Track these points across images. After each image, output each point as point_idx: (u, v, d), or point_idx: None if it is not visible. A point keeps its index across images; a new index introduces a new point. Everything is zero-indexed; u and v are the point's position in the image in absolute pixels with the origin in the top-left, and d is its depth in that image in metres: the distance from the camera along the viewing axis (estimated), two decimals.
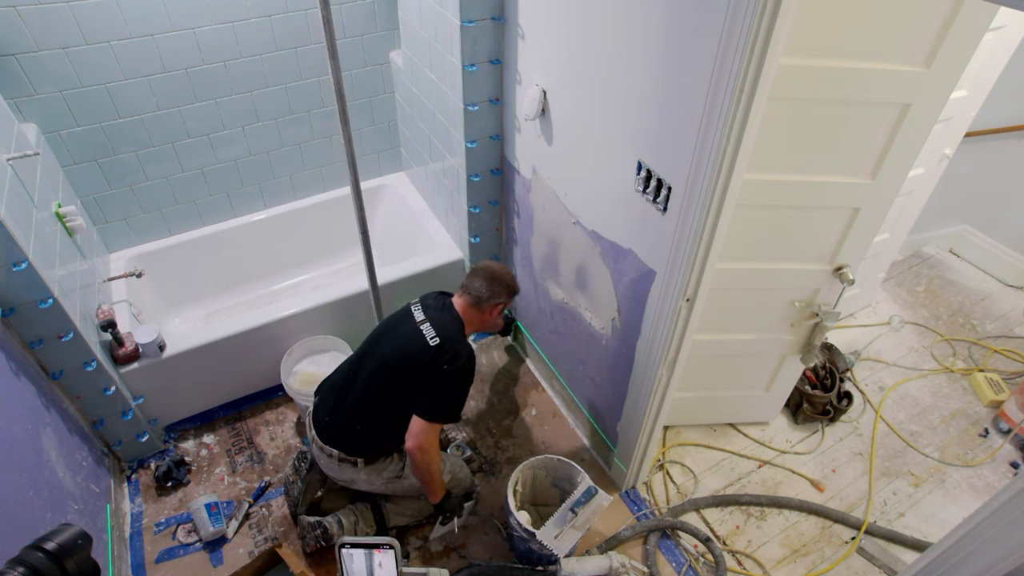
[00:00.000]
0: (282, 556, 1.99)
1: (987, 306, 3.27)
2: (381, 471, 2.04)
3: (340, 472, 2.06)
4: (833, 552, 2.28)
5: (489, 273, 2.06)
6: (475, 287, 2.04)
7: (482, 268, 2.08)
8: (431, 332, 1.93)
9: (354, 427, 2.00)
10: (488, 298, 2.04)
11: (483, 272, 2.06)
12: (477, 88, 2.23)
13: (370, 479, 2.05)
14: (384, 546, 1.54)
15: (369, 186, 3.10)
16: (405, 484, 2.10)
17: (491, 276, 2.06)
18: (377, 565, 1.57)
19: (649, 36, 1.51)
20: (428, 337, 1.92)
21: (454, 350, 1.90)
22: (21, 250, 1.76)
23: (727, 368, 2.43)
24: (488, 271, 2.07)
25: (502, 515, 2.32)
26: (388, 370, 1.96)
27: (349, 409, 2.01)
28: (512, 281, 2.12)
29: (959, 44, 1.64)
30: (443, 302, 2.07)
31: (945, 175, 2.72)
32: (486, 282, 2.04)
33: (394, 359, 1.97)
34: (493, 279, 2.05)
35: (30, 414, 1.84)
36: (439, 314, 2.00)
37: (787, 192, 1.86)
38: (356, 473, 2.04)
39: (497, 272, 2.08)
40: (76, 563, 1.03)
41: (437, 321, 1.97)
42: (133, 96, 2.38)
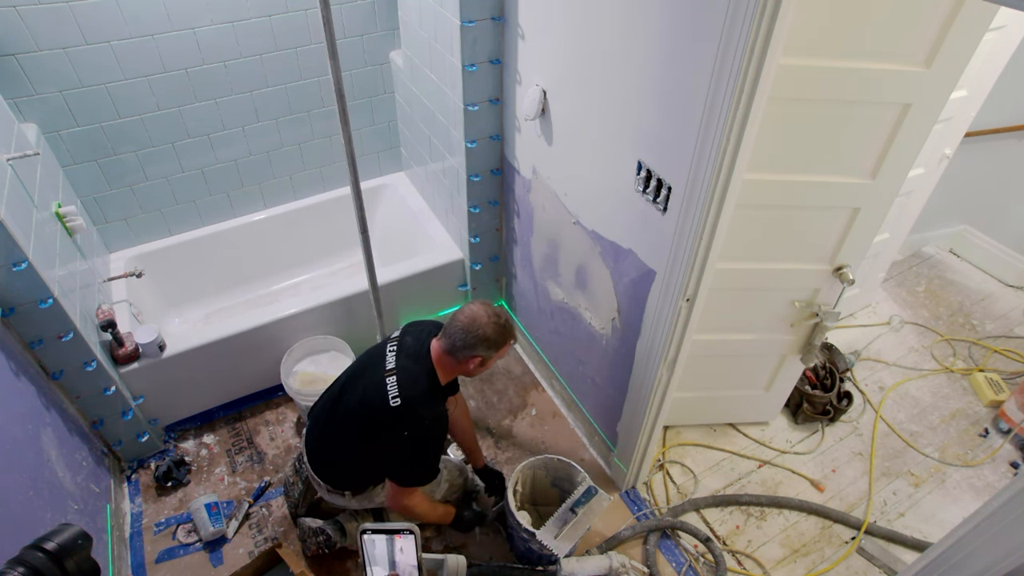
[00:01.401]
0: (282, 556, 1.99)
1: (987, 306, 3.27)
2: (372, 497, 2.03)
3: (331, 498, 2.05)
4: (833, 552, 2.28)
5: (469, 323, 1.75)
6: (451, 332, 1.77)
7: (466, 315, 1.77)
8: (394, 390, 1.74)
9: (334, 465, 1.97)
10: (462, 348, 1.76)
11: (464, 319, 1.76)
12: (477, 88, 2.23)
13: (362, 503, 2.05)
14: (405, 532, 1.56)
15: (369, 186, 3.10)
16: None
17: (470, 327, 1.74)
18: (398, 550, 1.58)
19: (649, 36, 1.51)
20: (390, 396, 1.73)
21: (415, 414, 1.73)
22: (21, 250, 1.75)
23: (727, 368, 2.43)
24: (469, 319, 1.75)
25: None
26: (352, 421, 1.85)
27: (328, 447, 1.96)
28: (495, 335, 1.76)
29: (959, 44, 1.64)
30: (420, 346, 1.84)
31: (945, 175, 2.72)
32: (462, 332, 1.75)
33: (356, 411, 1.84)
34: (471, 332, 1.74)
35: (30, 414, 1.84)
36: (411, 363, 1.79)
37: (787, 192, 1.86)
38: (347, 501, 2.02)
39: (479, 323, 1.74)
40: (76, 563, 1.03)
41: (404, 375, 1.76)
42: (133, 96, 2.38)
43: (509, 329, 1.81)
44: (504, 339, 1.80)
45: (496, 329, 1.76)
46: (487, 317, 1.76)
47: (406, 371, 1.78)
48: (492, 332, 1.75)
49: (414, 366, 1.80)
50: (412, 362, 1.80)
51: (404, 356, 1.82)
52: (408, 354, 1.82)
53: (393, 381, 1.76)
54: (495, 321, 1.76)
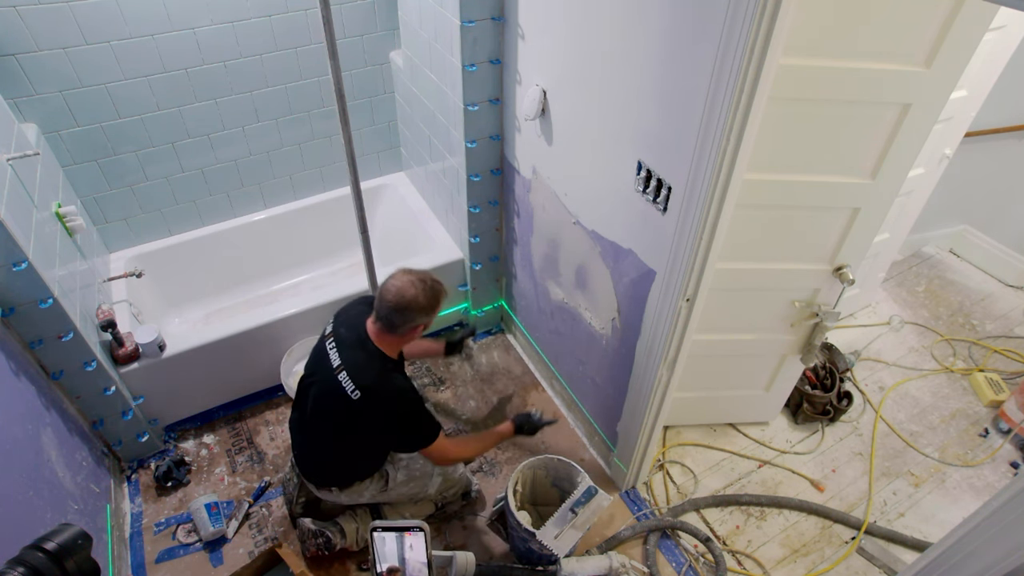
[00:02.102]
0: (282, 556, 1.99)
1: (987, 306, 3.27)
2: (362, 492, 2.04)
3: (323, 495, 2.08)
4: (833, 552, 2.28)
5: (398, 298, 1.72)
6: (383, 313, 1.75)
7: (391, 291, 1.73)
8: (350, 384, 1.75)
9: (313, 462, 2.01)
10: (400, 324, 1.76)
11: (391, 297, 1.73)
12: (477, 88, 2.23)
13: (352, 499, 2.06)
14: (415, 529, 1.57)
15: (369, 186, 3.10)
16: (393, 495, 2.10)
17: (399, 302, 1.72)
18: (408, 547, 1.59)
19: (649, 35, 1.51)
20: (349, 391, 1.75)
21: (379, 398, 1.76)
22: (21, 250, 1.75)
23: (727, 368, 2.43)
24: (397, 295, 1.72)
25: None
26: (321, 422, 1.89)
27: (307, 446, 2.00)
28: (426, 298, 1.74)
29: (959, 44, 1.64)
30: (357, 332, 1.82)
31: (945, 175, 2.72)
32: (394, 309, 1.73)
33: (321, 412, 1.87)
34: (402, 306, 1.72)
35: (30, 414, 1.84)
36: (354, 353, 1.79)
37: (787, 192, 1.86)
38: (337, 496, 2.05)
39: (407, 295, 1.72)
40: (76, 563, 1.03)
41: (352, 366, 1.77)
42: (133, 96, 2.38)
43: (438, 289, 1.79)
44: (437, 300, 1.78)
45: (426, 295, 1.75)
46: (413, 287, 1.73)
47: (353, 363, 1.78)
48: (424, 300, 1.74)
49: (359, 355, 1.80)
50: (355, 352, 1.80)
51: (346, 348, 1.82)
52: (348, 345, 1.82)
53: (344, 376, 1.77)
54: (422, 288, 1.74)
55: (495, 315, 3.08)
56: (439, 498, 2.24)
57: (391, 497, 2.11)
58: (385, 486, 2.06)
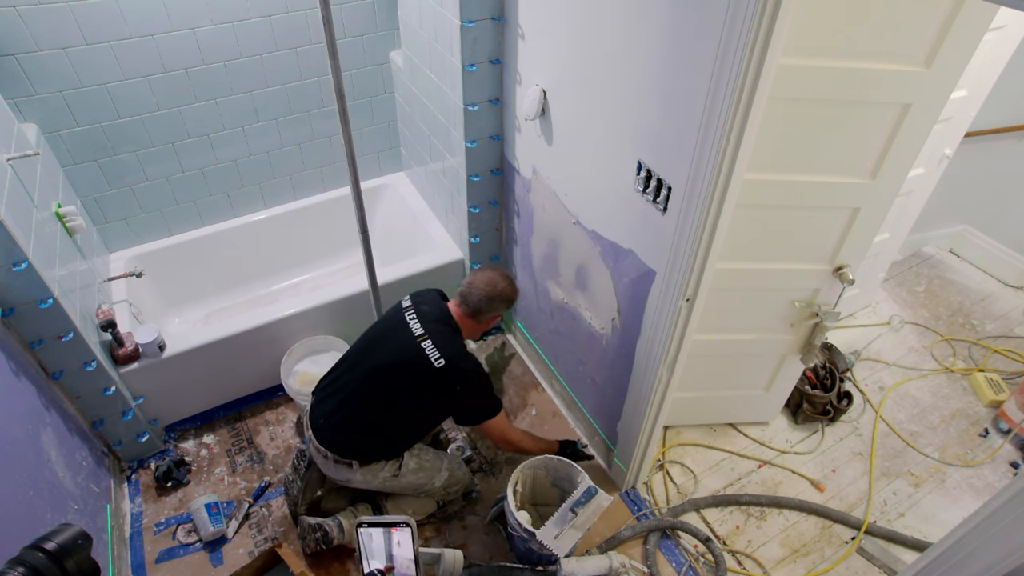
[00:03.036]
0: (282, 556, 1.99)
1: (987, 306, 3.27)
2: (377, 472, 2.04)
3: (336, 472, 2.06)
4: (833, 552, 2.28)
5: (490, 288, 2.01)
6: (474, 300, 2.00)
7: (483, 281, 2.02)
8: (435, 352, 1.90)
9: (349, 431, 1.99)
10: (486, 311, 2.02)
11: (484, 285, 2.01)
12: (477, 88, 2.23)
13: (366, 479, 2.05)
14: (401, 525, 1.56)
15: (369, 186, 3.10)
16: (403, 482, 2.09)
17: (491, 291, 2.01)
18: (395, 544, 1.59)
19: (649, 35, 1.51)
20: (433, 358, 1.89)
21: (461, 370, 1.91)
22: (21, 250, 1.76)
23: (727, 368, 2.43)
24: (489, 285, 2.01)
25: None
26: (386, 380, 1.95)
27: (344, 413, 1.99)
28: (512, 292, 2.08)
29: (959, 44, 1.64)
30: (440, 310, 2.02)
31: (945, 175, 2.72)
32: (486, 297, 2.00)
33: (393, 371, 1.95)
34: (493, 295, 2.01)
35: (30, 414, 1.84)
36: (439, 327, 1.96)
37: (787, 192, 1.86)
38: (352, 474, 2.03)
39: (499, 287, 2.02)
40: (76, 563, 1.03)
41: (438, 337, 1.93)
42: (133, 96, 2.38)
43: (517, 289, 2.13)
44: (515, 298, 2.12)
45: (513, 289, 2.08)
46: (504, 280, 2.04)
47: (440, 335, 1.94)
48: (511, 292, 2.07)
49: (445, 329, 1.97)
50: (440, 326, 1.97)
51: (429, 322, 1.97)
52: (432, 319, 1.98)
53: (429, 344, 1.91)
54: (510, 283, 2.07)
55: None
56: (442, 495, 2.24)
57: (400, 484, 2.10)
58: (398, 471, 2.06)
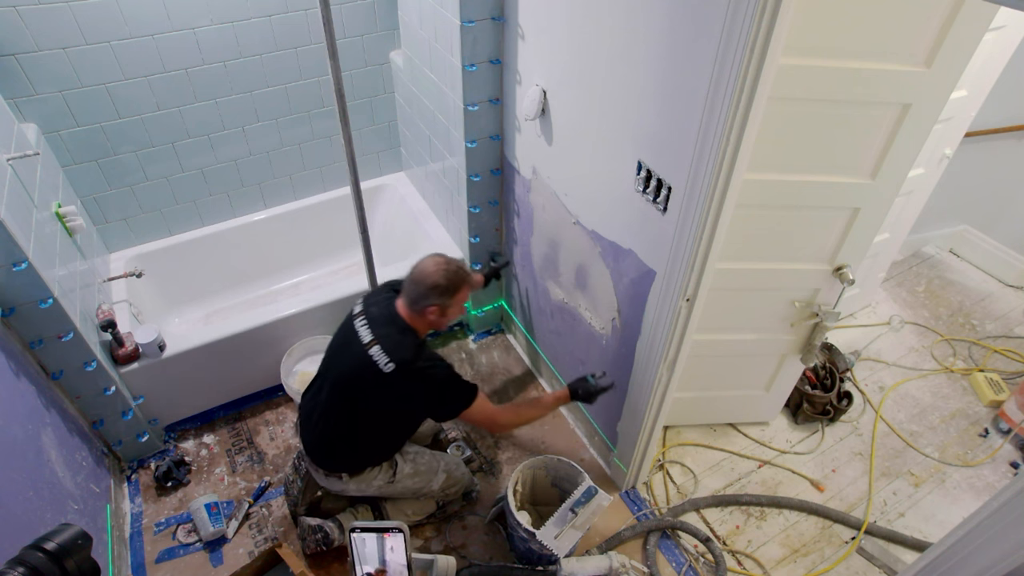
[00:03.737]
0: (282, 556, 1.99)
1: (987, 306, 3.27)
2: (370, 481, 2.03)
3: (330, 483, 2.07)
4: (833, 552, 2.28)
5: (420, 277, 1.81)
6: (408, 292, 1.84)
7: (417, 270, 1.83)
8: (383, 358, 1.78)
9: (329, 446, 1.99)
10: (417, 300, 1.82)
11: (416, 275, 1.82)
12: (477, 88, 2.23)
13: (360, 488, 2.05)
14: (394, 530, 1.56)
15: (369, 186, 3.10)
16: (399, 488, 2.09)
17: (419, 276, 1.81)
18: (388, 549, 1.59)
19: (649, 35, 1.51)
20: (381, 364, 1.78)
21: (415, 371, 1.79)
22: (21, 250, 1.76)
23: (727, 368, 2.43)
24: (418, 270, 1.82)
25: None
26: (347, 393, 1.90)
27: (321, 429, 1.98)
28: (444, 279, 1.80)
29: (959, 44, 1.64)
30: (388, 310, 1.88)
31: (945, 175, 2.72)
32: (413, 283, 1.82)
33: (351, 384, 1.88)
34: (420, 279, 1.80)
35: (30, 414, 1.84)
36: (386, 329, 1.84)
37: (787, 192, 1.86)
38: (344, 484, 2.04)
39: (427, 270, 1.80)
40: (76, 563, 1.03)
41: (386, 340, 1.81)
42: (133, 96, 2.38)
43: (459, 274, 1.83)
44: (455, 285, 1.82)
45: (445, 275, 1.79)
46: (436, 267, 1.80)
47: (387, 338, 1.82)
48: (441, 279, 1.79)
49: (392, 330, 1.84)
50: (388, 328, 1.84)
51: (378, 325, 1.85)
52: (381, 322, 1.86)
53: (378, 350, 1.80)
54: (443, 269, 1.80)
55: (495, 315, 3.08)
56: (441, 496, 2.24)
57: (396, 490, 2.10)
58: (393, 477, 2.05)
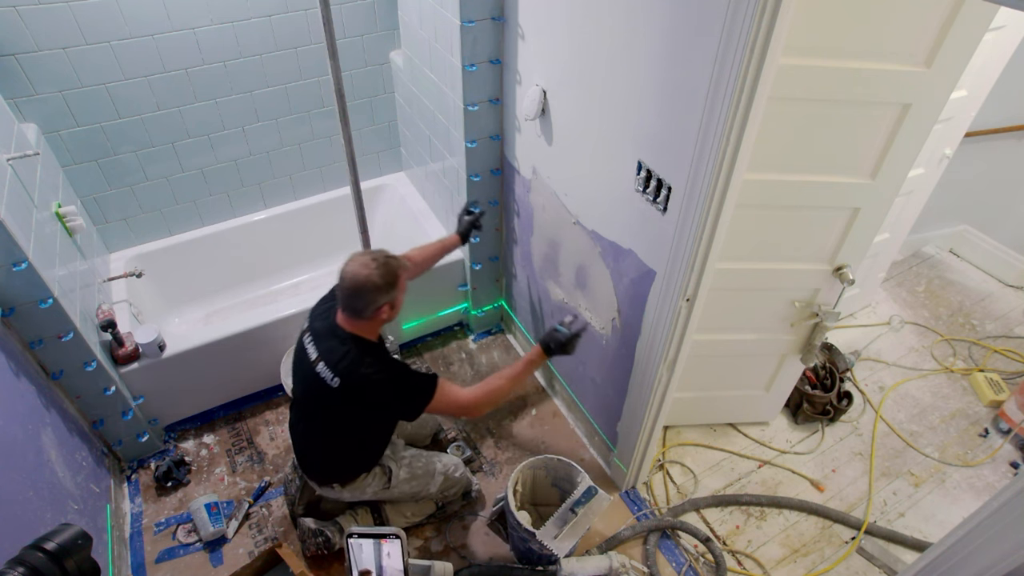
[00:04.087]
0: (282, 556, 1.99)
1: (987, 306, 3.27)
2: (364, 488, 2.04)
3: (326, 492, 2.09)
4: (833, 552, 2.28)
5: (353, 282, 1.71)
6: (344, 301, 1.76)
7: (347, 277, 1.72)
8: (328, 373, 1.76)
9: (314, 460, 2.03)
10: (364, 308, 1.74)
11: (348, 283, 1.72)
12: (477, 88, 2.23)
13: (354, 495, 2.06)
14: (391, 536, 1.56)
15: (369, 186, 3.09)
16: (395, 492, 2.10)
17: (354, 285, 1.71)
18: (385, 555, 1.59)
19: (649, 36, 1.51)
20: (328, 380, 1.75)
21: (361, 380, 1.74)
22: (21, 250, 1.76)
23: (727, 368, 2.43)
24: (350, 279, 1.71)
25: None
26: (310, 411, 1.93)
27: (302, 444, 2.03)
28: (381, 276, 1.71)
29: (959, 44, 1.64)
30: (330, 325, 1.82)
31: (945, 175, 2.72)
32: (352, 295, 1.72)
33: (310, 402, 1.91)
34: (357, 288, 1.71)
35: (30, 414, 1.84)
36: (329, 343, 1.79)
37: (787, 192, 1.86)
38: (339, 493, 2.05)
39: (359, 277, 1.70)
40: (76, 563, 1.03)
41: (329, 355, 1.77)
42: (133, 96, 2.38)
43: (392, 265, 1.75)
44: (394, 276, 1.75)
45: (380, 273, 1.71)
46: (366, 268, 1.71)
47: (330, 352, 1.79)
48: (379, 278, 1.71)
49: (333, 343, 1.79)
50: (329, 341, 1.81)
51: (321, 340, 1.83)
52: (323, 336, 1.83)
53: (323, 366, 1.78)
54: (374, 268, 1.71)
55: (495, 315, 3.08)
56: (440, 497, 2.24)
57: (393, 495, 2.11)
58: (388, 483, 2.05)
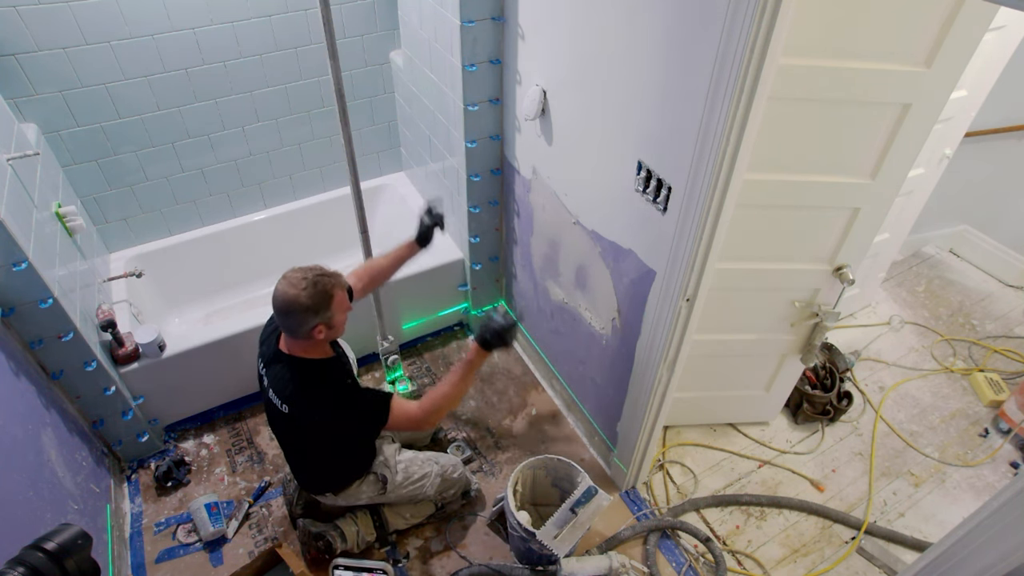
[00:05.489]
0: (282, 556, 1.99)
1: (987, 306, 3.27)
2: (358, 495, 2.05)
3: (321, 499, 2.10)
4: (833, 552, 2.28)
5: (282, 302, 1.65)
6: (280, 322, 1.71)
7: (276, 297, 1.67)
8: (278, 400, 1.77)
9: (300, 471, 2.05)
10: (298, 328, 1.68)
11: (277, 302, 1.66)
12: (477, 88, 2.23)
13: (350, 501, 2.07)
14: (378, 571, 1.55)
15: (369, 186, 3.09)
16: (391, 497, 2.11)
17: (284, 306, 1.64)
18: None
19: (649, 35, 1.51)
20: (279, 406, 1.77)
21: (308, 400, 1.73)
22: (21, 250, 1.76)
23: (727, 368, 2.43)
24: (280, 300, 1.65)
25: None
26: (283, 431, 1.94)
27: (288, 458, 2.06)
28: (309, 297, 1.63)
29: (959, 44, 1.64)
30: (273, 350, 1.81)
31: (945, 175, 2.72)
32: (284, 315, 1.66)
33: (276, 425, 1.93)
34: (287, 309, 1.64)
35: (30, 414, 1.84)
36: (274, 370, 1.79)
37: (787, 192, 1.86)
38: (334, 500, 2.07)
39: (288, 296, 1.63)
40: (76, 563, 1.03)
41: (277, 383, 1.77)
42: (133, 96, 2.38)
43: (323, 284, 1.67)
44: (324, 296, 1.66)
45: (309, 294, 1.63)
46: (293, 287, 1.64)
47: (277, 379, 1.78)
48: (307, 299, 1.63)
49: (277, 369, 1.78)
50: (274, 367, 1.80)
51: (269, 367, 1.82)
52: (270, 362, 1.83)
53: (272, 394, 1.80)
54: (302, 288, 1.63)
55: None
56: (439, 498, 2.24)
57: (390, 499, 2.11)
58: (383, 488, 2.05)
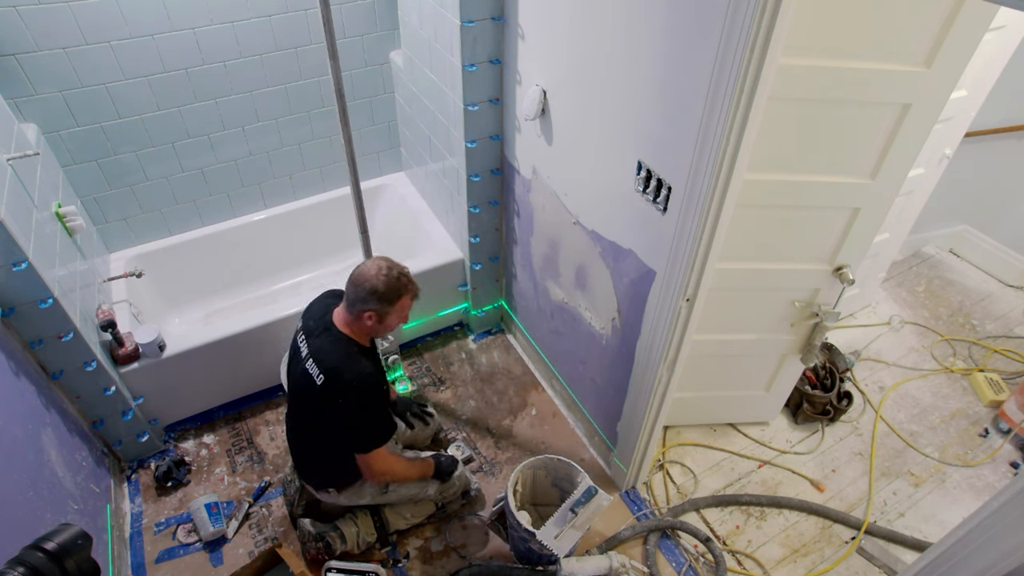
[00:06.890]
0: (282, 556, 1.99)
1: (987, 306, 3.27)
2: (361, 493, 2.05)
3: (324, 497, 2.10)
4: (833, 552, 2.28)
5: (359, 274, 1.74)
6: (347, 290, 1.77)
7: (357, 271, 1.76)
8: (315, 369, 1.77)
9: (308, 463, 2.04)
10: (354, 303, 1.74)
11: (355, 272, 1.76)
12: (477, 88, 2.23)
13: (351, 500, 2.07)
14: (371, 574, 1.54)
15: (369, 186, 3.09)
16: (393, 496, 2.11)
17: (358, 277, 1.73)
18: None
19: (649, 35, 1.51)
20: (315, 376, 1.77)
21: (341, 381, 1.74)
22: (21, 250, 1.75)
23: (727, 368, 2.43)
24: (359, 272, 1.74)
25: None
26: (302, 411, 1.94)
27: (297, 448, 2.05)
28: (384, 283, 1.71)
29: (959, 44, 1.64)
30: (323, 319, 1.84)
31: (945, 175, 2.72)
32: (352, 284, 1.74)
33: (301, 401, 1.92)
34: (359, 280, 1.72)
35: (30, 414, 1.84)
36: (321, 340, 1.81)
37: (787, 192, 1.86)
38: (335, 498, 2.06)
39: (367, 273, 1.72)
40: (76, 563, 1.03)
41: (319, 352, 1.79)
42: (133, 96, 2.38)
43: (400, 282, 1.74)
44: (395, 292, 1.73)
45: (385, 281, 1.70)
46: (377, 270, 1.72)
47: (319, 349, 1.80)
48: (381, 284, 1.70)
49: (323, 341, 1.81)
50: (321, 338, 1.82)
51: (314, 337, 1.84)
52: (316, 334, 1.84)
53: (311, 363, 1.79)
54: (385, 274, 1.71)
55: (495, 315, 3.08)
56: (439, 498, 2.24)
57: (391, 499, 2.11)
58: (385, 488, 2.06)
